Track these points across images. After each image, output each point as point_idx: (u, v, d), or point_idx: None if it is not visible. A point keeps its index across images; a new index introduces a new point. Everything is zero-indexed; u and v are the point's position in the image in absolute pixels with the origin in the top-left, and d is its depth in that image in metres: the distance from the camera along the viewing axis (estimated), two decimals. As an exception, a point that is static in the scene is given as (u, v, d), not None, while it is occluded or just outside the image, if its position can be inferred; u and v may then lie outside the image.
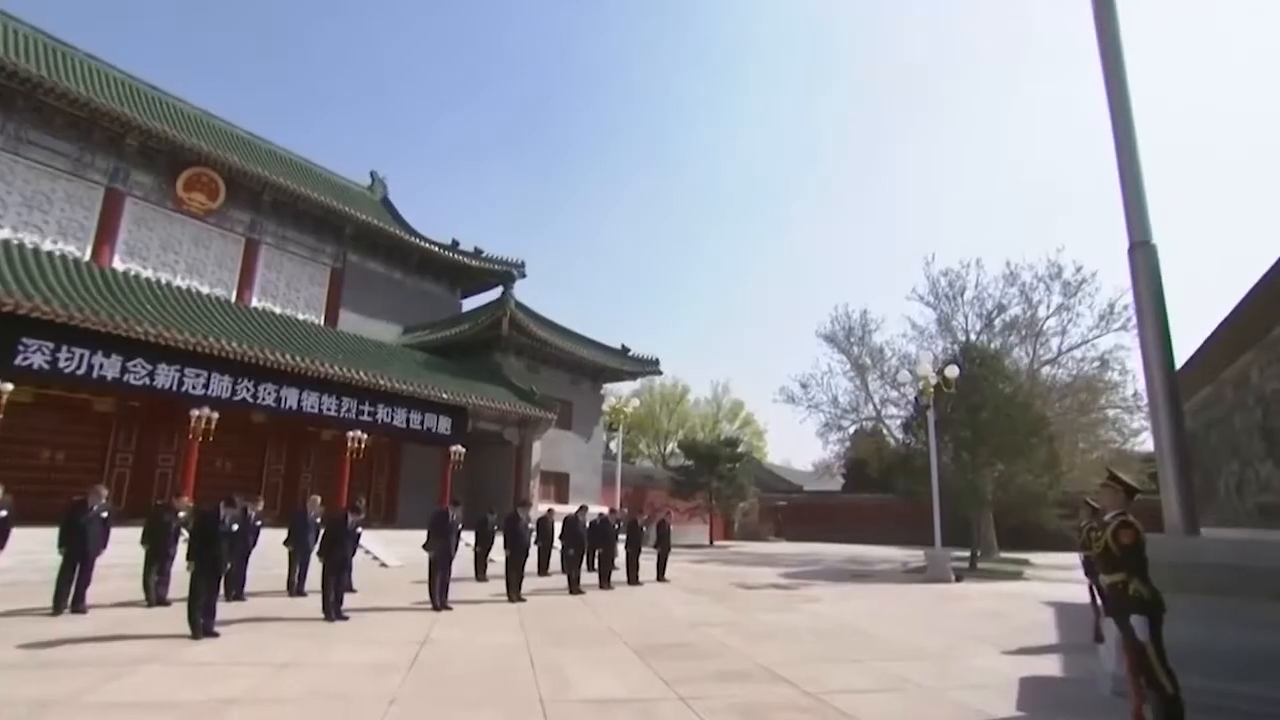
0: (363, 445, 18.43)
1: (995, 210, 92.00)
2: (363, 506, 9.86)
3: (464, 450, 21.20)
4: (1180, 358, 12.81)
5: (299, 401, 17.17)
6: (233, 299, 21.51)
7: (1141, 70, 79.06)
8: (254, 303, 22.20)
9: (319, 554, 8.96)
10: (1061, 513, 20.42)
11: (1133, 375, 23.27)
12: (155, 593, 8.80)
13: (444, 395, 20.01)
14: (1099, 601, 7.23)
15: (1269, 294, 8.94)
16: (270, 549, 10.72)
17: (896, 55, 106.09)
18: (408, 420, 19.76)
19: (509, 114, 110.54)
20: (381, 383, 18.33)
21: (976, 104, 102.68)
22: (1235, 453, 12.58)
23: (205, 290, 20.72)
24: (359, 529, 9.64)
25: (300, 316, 23.14)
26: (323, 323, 24.12)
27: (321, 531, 9.52)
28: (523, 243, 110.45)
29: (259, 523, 10.17)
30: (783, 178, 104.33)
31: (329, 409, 17.86)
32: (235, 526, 7.58)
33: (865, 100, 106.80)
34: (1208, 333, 12.22)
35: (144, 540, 9.01)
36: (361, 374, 17.94)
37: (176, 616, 7.14)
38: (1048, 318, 24.89)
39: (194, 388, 15.27)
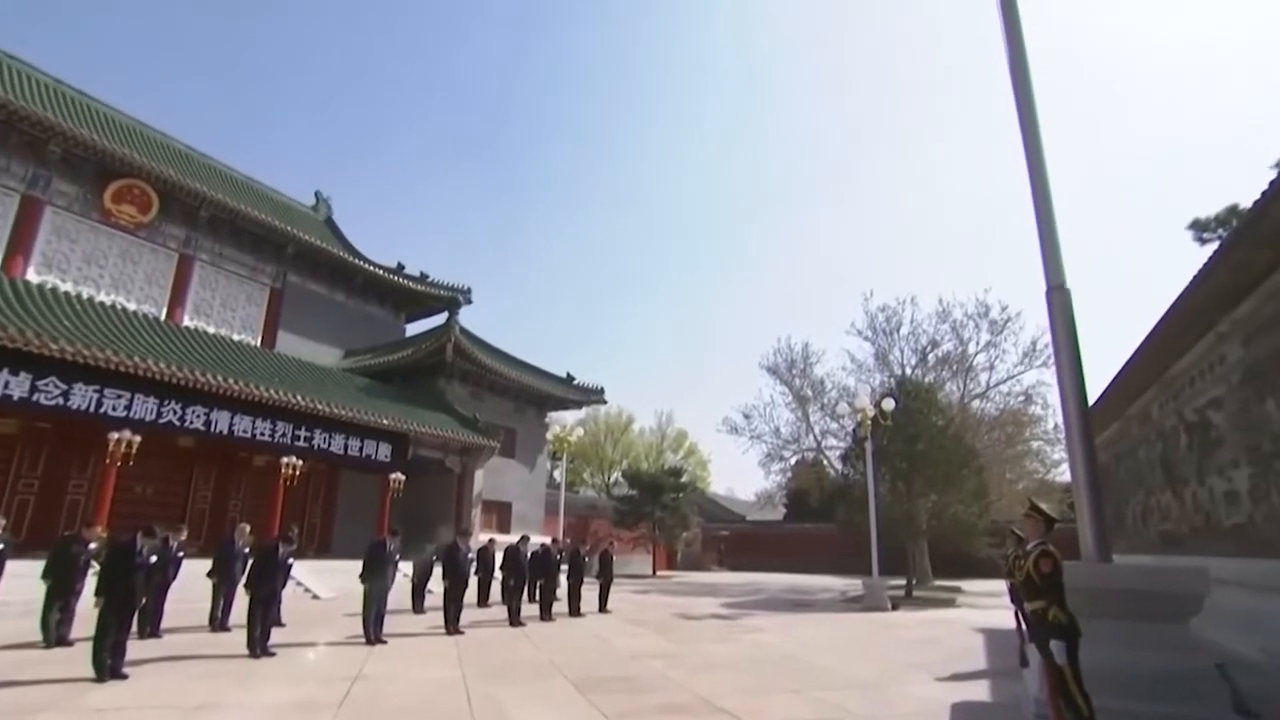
0: (297, 471, 17.71)
1: (931, 249, 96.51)
2: (295, 536, 9.46)
3: (404, 478, 20.63)
4: (1093, 394, 13.72)
5: (231, 425, 16.40)
6: (163, 317, 20.52)
7: (1056, 122, 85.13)
8: (186, 321, 21.24)
9: (246, 586, 8.47)
10: (991, 541, 21.26)
11: (1053, 410, 24.61)
12: (55, 632, 7.96)
13: (384, 421, 19.47)
14: (1024, 627, 7.55)
15: (1165, 337, 9.69)
16: (192, 581, 10.08)
17: (841, 103, 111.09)
18: (346, 446, 19.11)
19: (462, 140, 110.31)
20: (320, 407, 17.71)
21: (913, 149, 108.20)
22: (1141, 483, 13.42)
23: (132, 306, 19.70)
24: (290, 559, 9.22)
25: (235, 337, 22.23)
26: (259, 344, 23.24)
27: (249, 562, 9.04)
28: (470, 268, 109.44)
29: (181, 554, 9.59)
30: (730, 213, 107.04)
31: (263, 434, 17.11)
32: (154, 558, 7.13)
33: (810, 140, 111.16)
34: (1117, 371, 13.08)
35: (46, 575, 8.14)
36: (299, 398, 17.29)
37: (79, 657, 6.59)
38: (977, 354, 26.18)
39: (114, 409, 14.40)
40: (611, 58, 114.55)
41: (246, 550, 9.94)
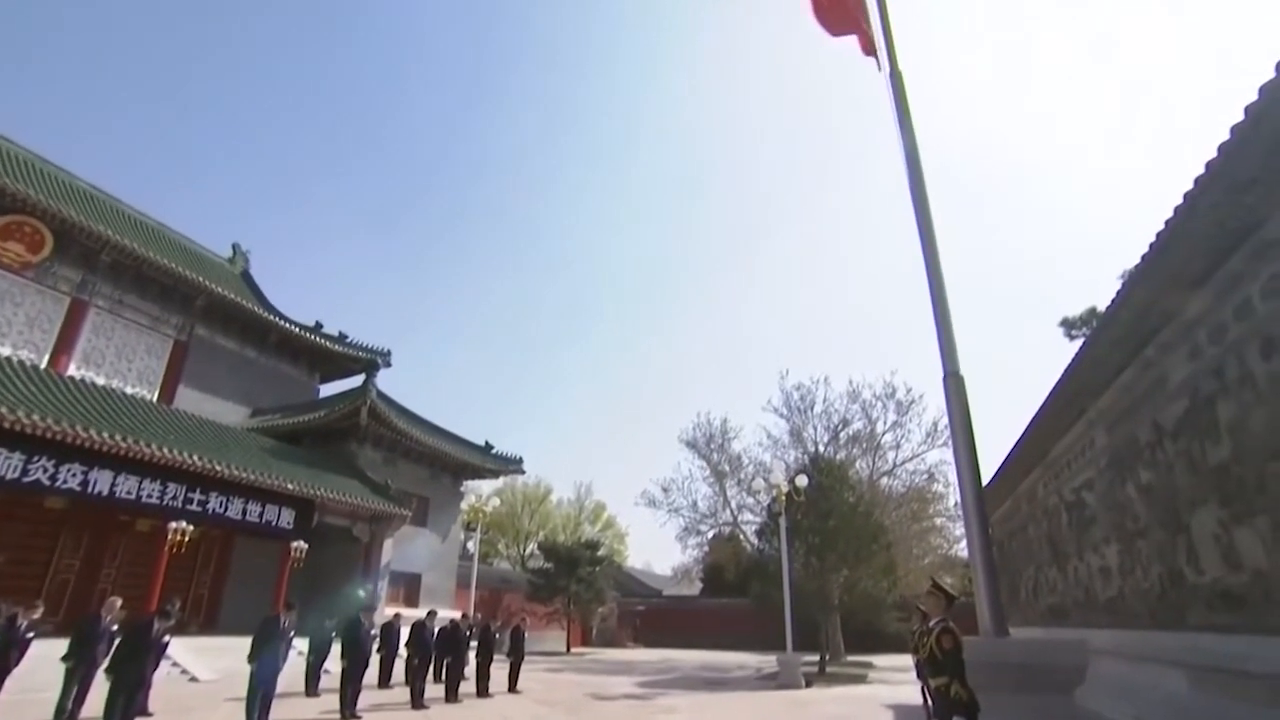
0: (186, 538, 16.29)
1: (843, 331, 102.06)
2: (175, 610, 8.69)
3: (307, 546, 19.34)
4: (988, 474, 14.76)
5: (113, 486, 15.02)
6: (43, 364, 18.88)
7: (954, 224, 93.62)
8: (72, 370, 19.64)
9: (107, 671, 7.54)
10: (899, 616, 21.90)
11: (954, 487, 26.06)
12: None
13: (289, 486, 18.35)
14: (929, 703, 7.82)
15: (1045, 422, 10.69)
16: (43, 666, 8.77)
17: (752, 184, 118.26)
18: (245, 511, 17.81)
19: (389, 200, 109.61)
20: (218, 468, 16.54)
21: (826, 237, 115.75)
22: (1031, 559, 14.36)
23: (5, 352, 18.06)
24: (166, 637, 8.44)
25: (129, 390, 20.67)
26: (155, 398, 21.68)
27: (116, 642, 8.01)
28: (391, 331, 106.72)
29: (30, 634, 8.55)
30: (653, 288, 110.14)
31: (150, 496, 15.75)
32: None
33: (730, 224, 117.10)
34: (1008, 452, 14.16)
35: None
36: (194, 458, 16.11)
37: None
38: (884, 433, 27.64)
39: (-37, 466, 12.92)
40: (544, 131, 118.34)
41: (114, 628, 8.70)
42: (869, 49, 5.68)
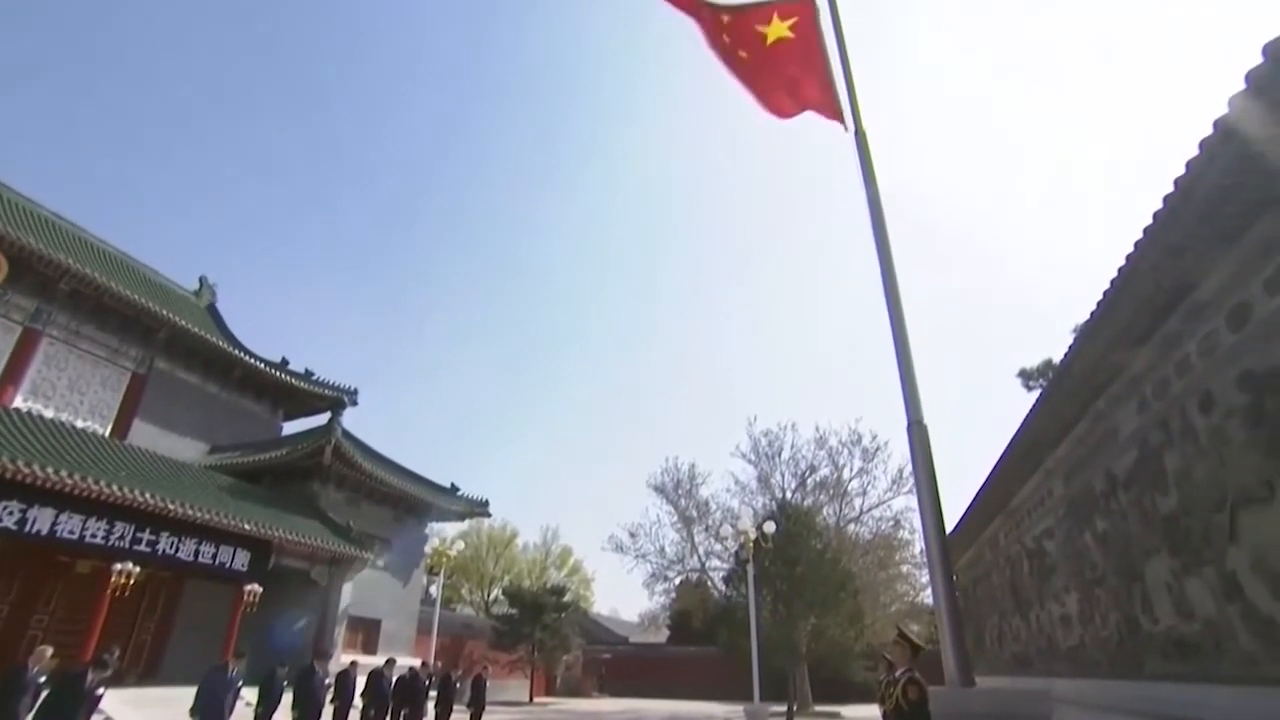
0: (131, 580, 15.54)
1: (812, 377, 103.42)
2: (113, 659, 8.20)
3: (260, 590, 18.59)
4: (952, 522, 14.96)
5: (54, 525, 14.33)
6: (-14, 395, 18.19)
7: (920, 275, 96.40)
8: (16, 402, 18.91)
9: (30, 727, 7.03)
10: (867, 665, 21.77)
11: (919, 534, 26.31)
12: None
13: (246, 526, 17.72)
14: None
15: (1006, 471, 10.96)
16: None
17: (726, 234, 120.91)
18: (197, 553, 17.11)
19: (363, 236, 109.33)
20: (170, 507, 15.92)
21: (795, 282, 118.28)
22: (995, 607, 14.48)
23: (-56, 381, 17.36)
24: (100, 689, 7.96)
25: (80, 423, 19.93)
26: (108, 433, 20.94)
27: (44, 695, 7.52)
28: (359, 369, 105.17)
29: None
30: (627, 331, 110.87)
31: (95, 535, 15.06)
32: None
33: (702, 268, 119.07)
34: (971, 500, 14.40)
35: None
36: (146, 496, 15.49)
37: None
38: (851, 479, 27.90)
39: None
40: (523, 175, 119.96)
41: (41, 680, 8.06)
42: (834, 114, 5.97)
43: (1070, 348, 7.30)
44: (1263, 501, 5.07)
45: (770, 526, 18.94)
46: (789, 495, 27.15)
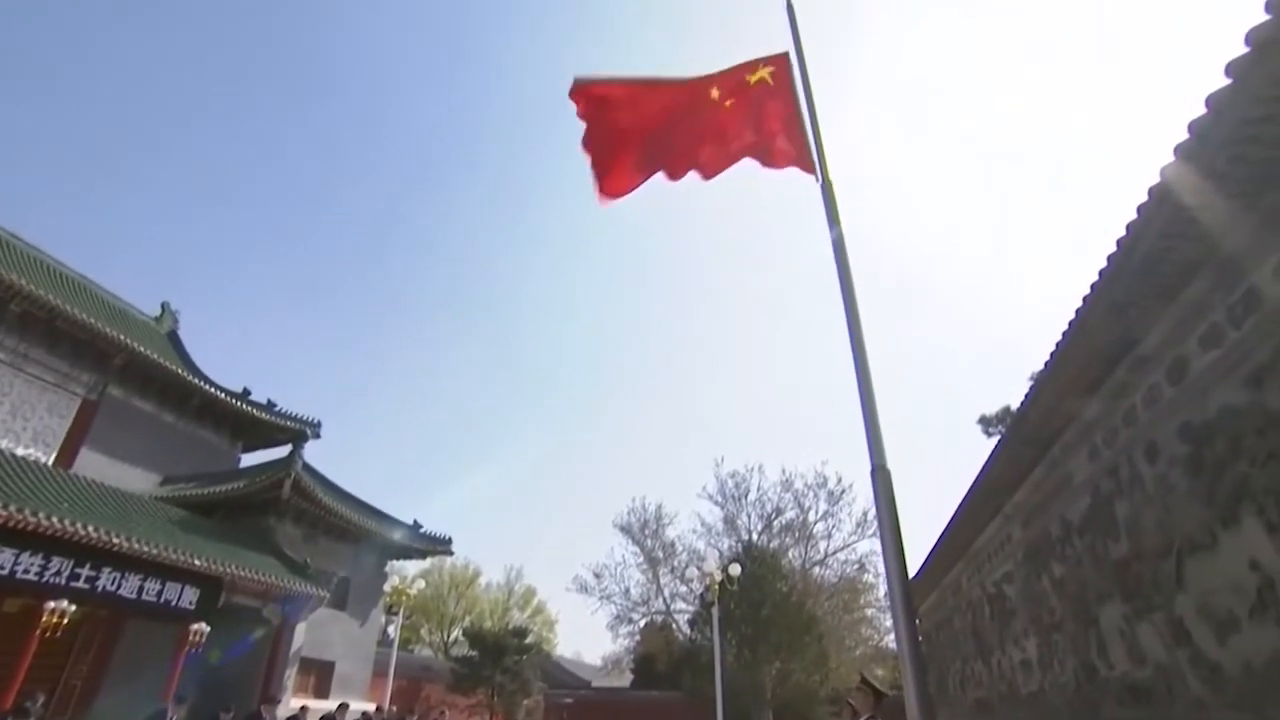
0: (64, 619, 14.69)
1: (780, 420, 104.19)
2: (36, 706, 7.75)
3: (208, 629, 17.75)
4: (915, 566, 15.08)
5: (-17, 560, 13.58)
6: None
7: (886, 320, 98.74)
8: (-47, 430, 18.10)
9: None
10: (832, 710, 21.54)
11: (883, 578, 26.38)
12: None
13: (196, 561, 16.97)
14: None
15: (967, 516, 11.15)
16: None
17: (698, 279, 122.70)
18: (141, 589, 16.28)
19: (338, 269, 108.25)
20: (115, 541, 15.20)
21: (769, 328, 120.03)
22: (958, 651, 14.53)
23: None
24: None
25: (20, 451, 19.07)
26: (52, 461, 20.07)
27: None
28: (324, 402, 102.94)
29: None
30: (597, 368, 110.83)
31: (27, 571, 14.17)
32: None
33: (673, 303, 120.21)
34: (933, 544, 14.55)
35: None
36: (88, 529, 14.80)
37: None
38: (816, 522, 27.99)
39: None
40: (493, 219, 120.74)
41: None
42: (805, 165, 6.21)
43: (1026, 396, 7.56)
44: (1206, 548, 5.27)
45: (736, 569, 18.86)
46: (755, 537, 27.12)
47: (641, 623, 30.02)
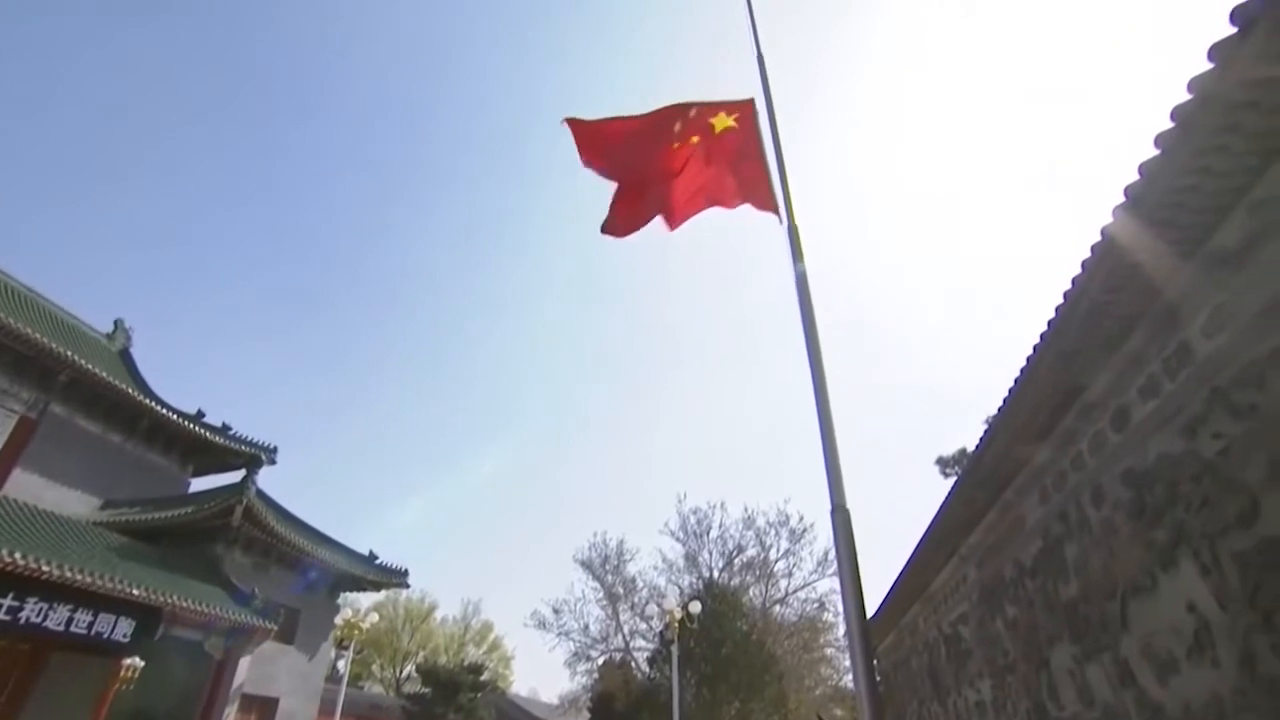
0: (-20, 654, 13.85)
1: (744, 458, 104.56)
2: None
3: (142, 664, 16.84)
4: (873, 605, 15.15)
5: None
6: None
7: (848, 364, 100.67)
8: None
9: None
10: (792, 750, 21.29)
11: (843, 617, 26.35)
12: None
13: (134, 591, 16.16)
14: None
15: (924, 556, 11.30)
16: None
17: (663, 316, 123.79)
18: (71, 620, 15.40)
19: (305, 294, 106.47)
20: (44, 569, 14.40)
21: (734, 369, 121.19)
22: (915, 692, 14.56)
23: None
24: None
25: (-59, 471, 18.12)
26: (-22, 483, 19.08)
27: None
28: (284, 427, 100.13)
29: None
30: (561, 399, 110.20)
31: (-62, 602, 13.37)
32: None
33: (638, 337, 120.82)
34: (891, 584, 14.65)
35: None
36: (14, 555, 13.90)
37: None
38: (777, 560, 28.06)
39: None
40: (460, 252, 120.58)
41: None
42: (769, 207, 6.41)
43: (980, 440, 7.77)
44: (1148, 591, 5.45)
45: (696, 606, 18.70)
46: (716, 575, 27.04)
47: (600, 660, 29.46)
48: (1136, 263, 4.59)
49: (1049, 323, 5.52)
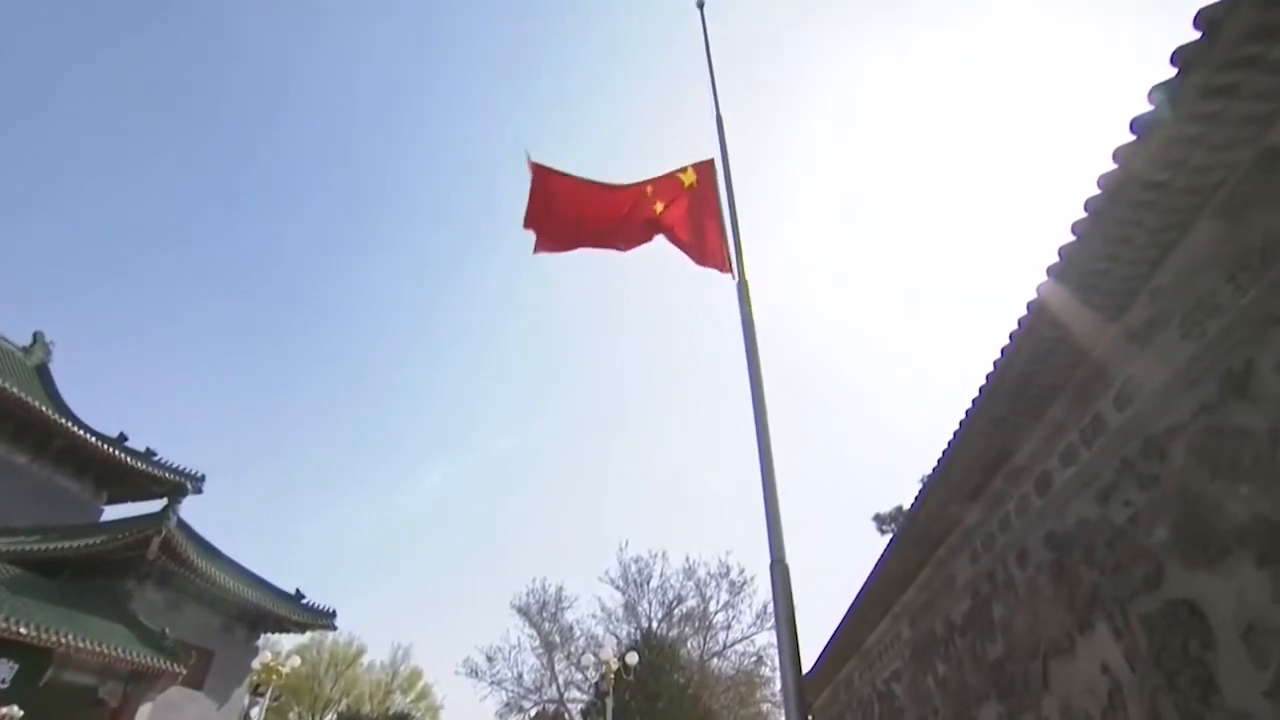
0: None
1: (686, 507, 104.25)
2: None
3: (20, 714, 15.33)
4: (810, 660, 15.13)
5: None
6: None
7: (791, 424, 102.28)
8: None
9: None
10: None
11: (779, 672, 26.22)
12: None
13: (21, 629, 14.75)
14: None
15: (859, 613, 11.43)
16: None
17: (609, 362, 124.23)
18: (-60, 663, 14.06)
19: (266, 322, 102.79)
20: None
21: (680, 422, 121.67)
22: (850, 749, 14.50)
23: None
24: None
25: None
26: None
27: None
28: (215, 456, 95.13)
29: None
30: (504, 443, 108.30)
31: None
32: None
33: (582, 383, 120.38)
34: (828, 640, 14.69)
35: None
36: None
37: None
38: (717, 612, 27.93)
39: None
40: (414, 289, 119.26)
41: None
42: (723, 265, 6.64)
43: (915, 499, 8.02)
44: (1067, 652, 5.66)
45: (633, 657, 18.37)
46: (655, 625, 26.70)
47: (533, 711, 28.44)
48: (1059, 336, 4.93)
49: (980, 389, 5.82)
